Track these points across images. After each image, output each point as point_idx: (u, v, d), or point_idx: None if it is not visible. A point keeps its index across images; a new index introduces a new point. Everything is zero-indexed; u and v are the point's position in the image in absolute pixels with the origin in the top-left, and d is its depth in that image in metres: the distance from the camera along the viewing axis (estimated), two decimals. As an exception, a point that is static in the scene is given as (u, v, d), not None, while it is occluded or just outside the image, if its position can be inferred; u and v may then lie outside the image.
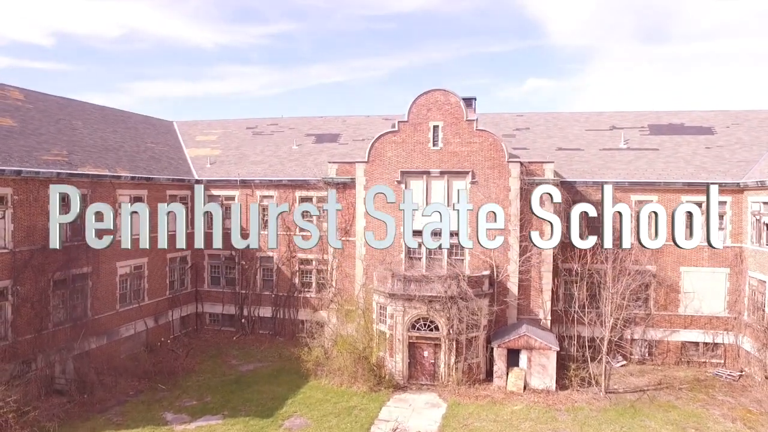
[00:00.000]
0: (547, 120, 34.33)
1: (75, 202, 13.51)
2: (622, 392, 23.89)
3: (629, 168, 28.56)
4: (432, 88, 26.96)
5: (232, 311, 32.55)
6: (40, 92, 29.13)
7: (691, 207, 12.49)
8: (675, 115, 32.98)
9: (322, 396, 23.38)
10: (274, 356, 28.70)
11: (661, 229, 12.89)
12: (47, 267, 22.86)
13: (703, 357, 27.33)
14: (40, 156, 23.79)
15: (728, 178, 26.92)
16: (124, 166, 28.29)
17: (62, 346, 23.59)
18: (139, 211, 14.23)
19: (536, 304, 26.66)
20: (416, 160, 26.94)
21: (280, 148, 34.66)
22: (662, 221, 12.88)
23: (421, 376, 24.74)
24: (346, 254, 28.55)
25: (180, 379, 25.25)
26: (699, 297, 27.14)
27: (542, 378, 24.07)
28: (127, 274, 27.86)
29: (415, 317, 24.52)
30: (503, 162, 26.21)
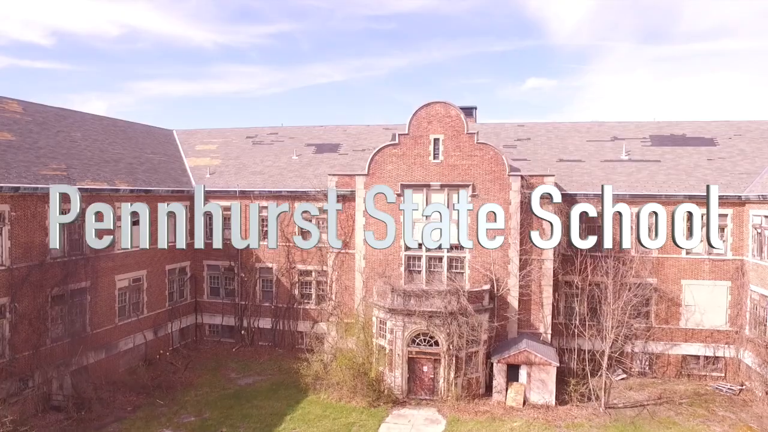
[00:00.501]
0: (548, 130, 34.19)
1: (75, 202, 13.53)
2: (621, 407, 23.77)
3: (630, 180, 28.42)
4: (432, 101, 26.83)
5: (231, 322, 32.46)
6: (39, 104, 29.06)
7: (691, 207, 12.55)
8: (677, 126, 32.82)
9: (321, 411, 23.28)
10: (273, 369, 28.60)
11: (660, 231, 13.02)
12: (45, 283, 22.78)
13: (703, 370, 27.21)
14: (39, 171, 23.71)
15: (730, 190, 26.76)
16: (124, 178, 28.21)
17: (60, 362, 23.51)
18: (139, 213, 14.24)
19: (537, 318, 26.55)
20: (416, 173, 26.82)
21: (280, 159, 34.56)
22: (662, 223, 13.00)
23: (420, 391, 24.65)
24: (345, 267, 28.46)
25: (179, 393, 25.15)
26: (700, 310, 27.02)
27: (542, 393, 23.96)
28: (126, 287, 27.78)
29: (414, 332, 24.42)
30: (504, 176, 26.10)
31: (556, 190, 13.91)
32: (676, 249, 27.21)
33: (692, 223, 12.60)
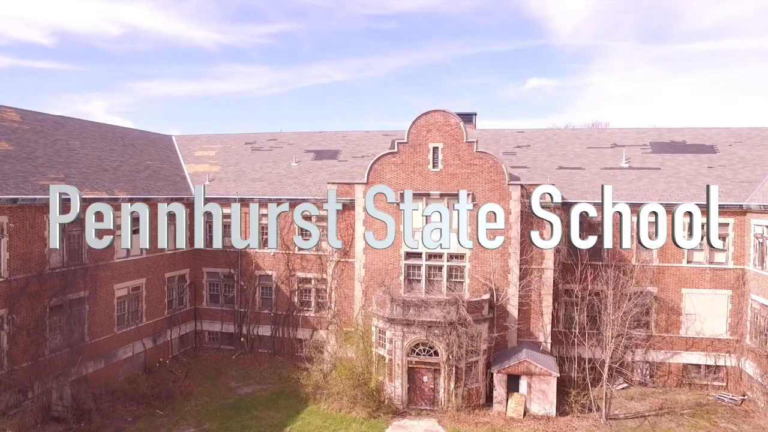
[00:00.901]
0: (548, 137, 34.10)
1: (75, 202, 13.57)
2: (623, 418, 23.70)
3: (631, 188, 28.33)
4: (431, 109, 26.72)
5: (231, 329, 32.39)
6: (37, 112, 28.98)
7: (691, 207, 12.58)
8: (677, 132, 32.74)
9: (321, 422, 23.20)
10: (273, 377, 28.51)
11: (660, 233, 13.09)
12: (43, 293, 22.70)
13: (705, 380, 27.13)
14: (37, 181, 23.62)
15: (731, 199, 26.67)
16: (123, 186, 28.13)
17: (59, 372, 23.43)
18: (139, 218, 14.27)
19: (536, 327, 26.47)
20: (416, 182, 26.73)
21: (279, 165, 34.48)
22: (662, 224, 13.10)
23: (420, 401, 24.57)
24: (345, 276, 28.38)
25: (178, 403, 25.07)
26: (701, 319, 26.96)
27: (542, 404, 23.88)
28: (125, 296, 27.70)
29: (414, 342, 24.34)
30: (504, 184, 26.01)
31: (556, 190, 14.02)
32: (677, 258, 27.21)
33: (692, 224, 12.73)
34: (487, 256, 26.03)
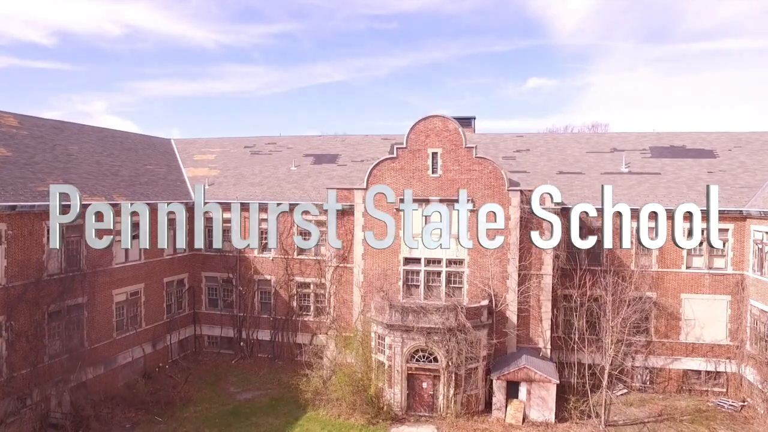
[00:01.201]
0: (548, 141, 34.05)
1: (75, 202, 13.60)
2: (622, 424, 23.66)
3: (631, 194, 28.27)
4: (430, 114, 26.66)
5: (230, 334, 32.35)
6: (36, 117, 28.93)
7: (691, 207, 12.62)
8: (677, 137, 32.69)
9: (320, 429, 23.17)
10: (273, 383, 28.47)
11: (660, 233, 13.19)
12: (41, 300, 22.65)
13: (705, 385, 27.07)
14: (36, 187, 23.57)
15: (731, 204, 26.61)
16: (122, 192, 28.10)
17: (58, 379, 23.37)
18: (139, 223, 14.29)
19: (536, 332, 26.42)
20: (415, 188, 26.63)
21: (278, 169, 34.43)
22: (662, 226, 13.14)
23: (419, 407, 24.54)
24: (344, 281, 28.35)
25: (177, 409, 25.03)
26: (700, 324, 26.91)
27: (541, 410, 23.84)
28: (124, 301, 27.65)
29: (413, 348, 24.30)
30: (503, 190, 25.96)
31: (555, 190, 14.04)
32: (676, 263, 27.16)
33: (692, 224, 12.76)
34: (486, 261, 25.99)
